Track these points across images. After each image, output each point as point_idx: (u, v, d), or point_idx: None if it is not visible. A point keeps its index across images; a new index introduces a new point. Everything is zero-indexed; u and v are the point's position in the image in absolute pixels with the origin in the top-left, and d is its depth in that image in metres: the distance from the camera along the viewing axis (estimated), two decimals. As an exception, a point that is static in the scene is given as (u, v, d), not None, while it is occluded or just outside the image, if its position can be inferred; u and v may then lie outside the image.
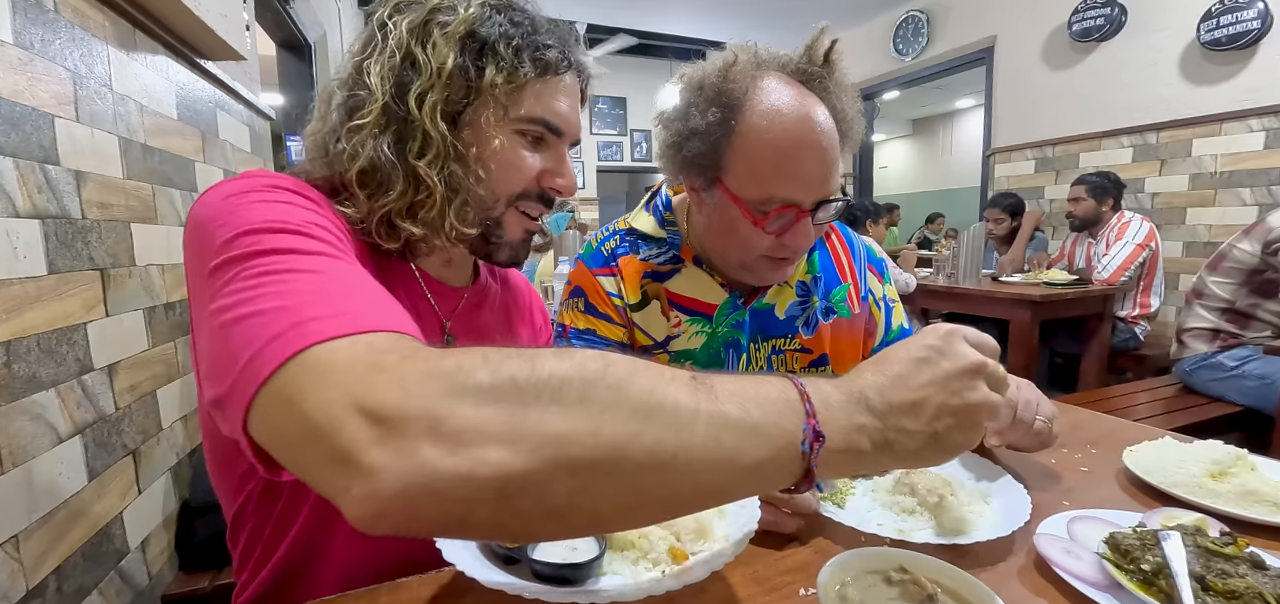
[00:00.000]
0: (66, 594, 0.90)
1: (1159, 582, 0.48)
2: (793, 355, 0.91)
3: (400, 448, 0.29)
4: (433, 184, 0.57)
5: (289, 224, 0.44)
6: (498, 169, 0.61)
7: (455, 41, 0.57)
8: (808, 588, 0.51)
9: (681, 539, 0.54)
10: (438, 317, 0.69)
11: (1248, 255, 1.99)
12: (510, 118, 0.61)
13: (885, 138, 9.61)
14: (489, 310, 0.77)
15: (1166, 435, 0.81)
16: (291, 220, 0.45)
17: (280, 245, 0.42)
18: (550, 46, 0.61)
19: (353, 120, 0.57)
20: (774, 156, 0.71)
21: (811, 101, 0.73)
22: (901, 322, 1.01)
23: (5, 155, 0.83)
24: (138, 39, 1.21)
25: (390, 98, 0.57)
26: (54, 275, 0.91)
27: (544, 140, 0.64)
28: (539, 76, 0.61)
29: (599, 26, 5.27)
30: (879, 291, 0.99)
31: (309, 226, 0.45)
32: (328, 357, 0.33)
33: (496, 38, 0.58)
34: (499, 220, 0.64)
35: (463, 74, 0.58)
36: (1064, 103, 3.75)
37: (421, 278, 0.68)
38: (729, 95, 0.73)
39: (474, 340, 0.73)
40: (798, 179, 0.72)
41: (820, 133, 0.72)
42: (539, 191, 0.65)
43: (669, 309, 0.89)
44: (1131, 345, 2.81)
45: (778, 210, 0.74)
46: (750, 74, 0.74)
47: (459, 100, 0.58)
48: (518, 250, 0.68)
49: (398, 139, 0.57)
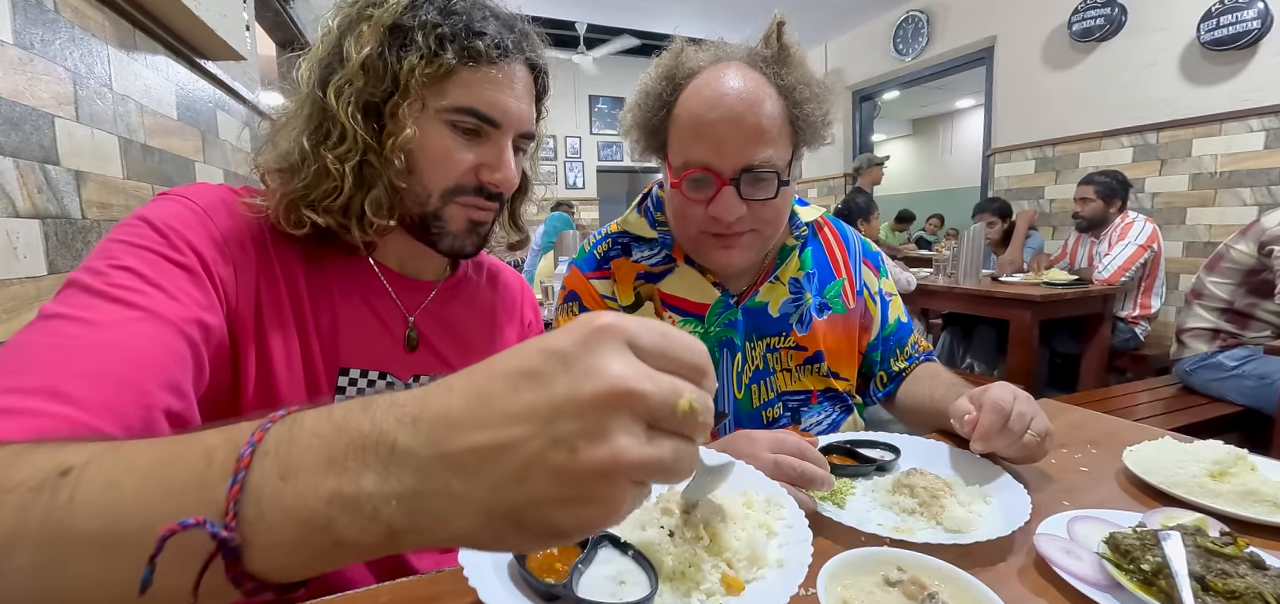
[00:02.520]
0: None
1: (1159, 582, 0.48)
2: (788, 353, 0.91)
3: None
4: (340, 174, 0.57)
5: (80, 279, 0.47)
6: (425, 161, 0.61)
7: (379, 32, 0.58)
8: (808, 588, 0.51)
9: (734, 566, 0.50)
10: (400, 310, 0.68)
11: (1245, 255, 1.99)
12: (434, 109, 0.60)
13: (885, 138, 9.61)
14: (465, 306, 0.75)
15: (1166, 435, 0.81)
16: (93, 266, 0.48)
17: (55, 307, 0.45)
18: (481, 34, 0.60)
19: (279, 116, 0.60)
20: (691, 120, 0.77)
21: (750, 77, 0.76)
22: (899, 315, 1.01)
23: (5, 155, 0.83)
24: (138, 39, 1.21)
25: (314, 91, 0.58)
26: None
27: (480, 133, 0.62)
28: (467, 64, 0.59)
29: (602, 27, 5.28)
30: (875, 285, 0.99)
31: (107, 273, 0.47)
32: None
33: (418, 26, 0.58)
34: (437, 213, 0.63)
35: (383, 64, 0.58)
36: (1064, 103, 3.75)
37: (380, 272, 0.67)
38: (676, 73, 0.79)
39: (444, 335, 0.72)
40: (708, 142, 0.75)
41: (741, 100, 0.74)
42: (476, 185, 0.63)
43: (662, 310, 0.89)
44: (1132, 345, 2.81)
45: (693, 173, 0.77)
46: (706, 59, 0.79)
47: (380, 92, 0.58)
48: (462, 241, 0.66)
49: (315, 131, 0.58)
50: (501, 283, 0.83)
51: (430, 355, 0.70)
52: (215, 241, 0.55)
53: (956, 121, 8.69)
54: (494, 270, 0.83)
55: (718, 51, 0.80)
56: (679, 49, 0.81)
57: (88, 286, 0.46)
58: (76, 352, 0.42)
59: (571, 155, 6.91)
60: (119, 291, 0.46)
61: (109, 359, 0.43)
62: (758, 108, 0.74)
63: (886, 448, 0.77)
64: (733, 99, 0.74)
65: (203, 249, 0.53)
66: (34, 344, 0.42)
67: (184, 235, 0.53)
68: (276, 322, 0.59)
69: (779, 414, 0.92)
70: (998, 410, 0.68)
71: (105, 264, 0.48)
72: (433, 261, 0.72)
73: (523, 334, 0.84)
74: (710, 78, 0.76)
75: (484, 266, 0.82)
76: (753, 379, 0.90)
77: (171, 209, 0.54)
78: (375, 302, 0.66)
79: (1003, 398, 0.69)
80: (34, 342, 0.42)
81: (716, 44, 0.81)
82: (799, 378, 0.92)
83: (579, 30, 5.58)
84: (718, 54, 0.80)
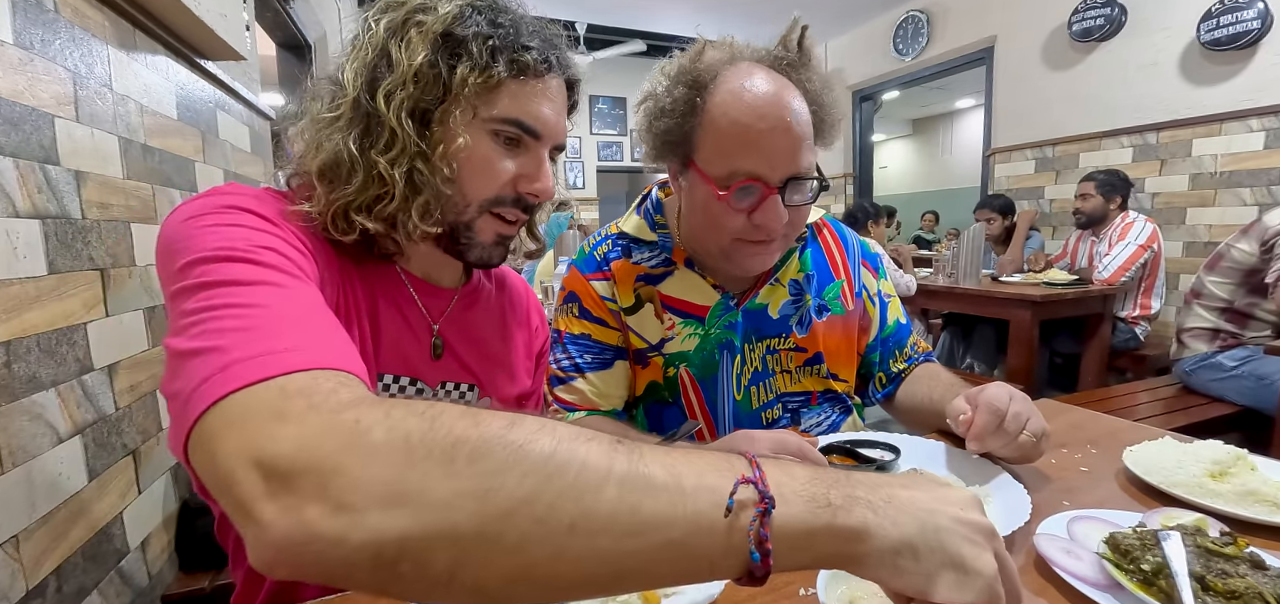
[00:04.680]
0: (66, 594, 0.90)
1: (1159, 582, 0.48)
2: (787, 354, 0.91)
3: (287, 505, 0.29)
4: (392, 180, 0.57)
5: (236, 251, 0.45)
6: (468, 170, 0.61)
7: (430, 40, 0.57)
8: (808, 588, 0.51)
9: None
10: (426, 318, 0.69)
11: (1245, 255, 1.99)
12: (482, 118, 0.60)
13: (885, 138, 9.61)
14: (482, 311, 0.77)
15: (1166, 435, 0.81)
16: (238, 246, 0.46)
17: (223, 277, 0.43)
18: (529, 48, 0.60)
19: (323, 116, 0.59)
20: (736, 129, 0.73)
21: (780, 82, 0.74)
22: (898, 316, 1.01)
23: (5, 155, 0.83)
24: (138, 39, 1.21)
25: (361, 94, 0.57)
26: (54, 275, 0.91)
27: (521, 143, 0.63)
28: (515, 77, 0.60)
29: (607, 28, 5.28)
30: (873, 287, 0.99)
31: (256, 252, 0.46)
32: (241, 405, 0.34)
33: (472, 37, 0.58)
34: (470, 223, 0.64)
35: (434, 72, 0.58)
36: (1064, 103, 3.75)
37: (407, 279, 0.68)
38: (698, 75, 0.76)
39: (465, 342, 0.72)
40: (760, 151, 0.73)
41: (784, 108, 0.73)
42: (515, 196, 0.64)
43: (662, 312, 0.89)
44: (1132, 345, 2.81)
45: (742, 183, 0.74)
46: (722, 59, 0.77)
47: (430, 99, 0.58)
48: (489, 252, 0.67)
49: (364, 135, 0.58)
50: (509, 287, 0.84)
51: (454, 362, 0.71)
52: (305, 233, 0.55)
53: (956, 121, 8.69)
54: (500, 276, 0.84)
55: (734, 52, 0.78)
56: (700, 50, 0.79)
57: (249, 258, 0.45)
58: (290, 314, 0.41)
59: (572, 155, 6.90)
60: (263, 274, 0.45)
61: (313, 317, 0.43)
62: (800, 115, 0.74)
63: (886, 448, 0.77)
64: (781, 108, 0.72)
65: (304, 238, 0.54)
66: (265, 307, 0.41)
67: (285, 225, 0.53)
68: (346, 320, 0.59)
69: (779, 415, 0.92)
70: (993, 410, 0.68)
71: (246, 244, 0.46)
72: (451, 269, 0.73)
73: (530, 339, 0.84)
74: (745, 83, 0.74)
75: (492, 272, 0.82)
76: (752, 381, 0.90)
77: (255, 198, 0.53)
78: (406, 309, 0.67)
79: (998, 398, 0.69)
80: (231, 325, 0.39)
81: (731, 44, 0.80)
82: (799, 379, 0.92)
83: (579, 31, 5.57)
84: (735, 54, 0.78)
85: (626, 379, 0.93)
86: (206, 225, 0.47)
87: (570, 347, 0.90)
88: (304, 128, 0.62)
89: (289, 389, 0.34)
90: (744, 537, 0.31)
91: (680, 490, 0.31)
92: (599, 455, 0.31)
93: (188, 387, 0.36)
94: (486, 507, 0.29)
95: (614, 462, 0.31)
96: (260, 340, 0.37)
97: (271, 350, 0.36)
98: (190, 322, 0.40)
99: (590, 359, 0.90)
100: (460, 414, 0.32)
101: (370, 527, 0.28)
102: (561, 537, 0.30)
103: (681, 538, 0.31)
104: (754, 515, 0.32)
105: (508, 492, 0.29)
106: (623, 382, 0.92)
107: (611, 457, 0.31)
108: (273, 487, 0.30)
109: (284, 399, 0.33)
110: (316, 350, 0.38)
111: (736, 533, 0.32)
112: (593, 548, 0.30)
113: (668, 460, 0.33)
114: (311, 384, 0.34)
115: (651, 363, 0.90)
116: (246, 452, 0.31)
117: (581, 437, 0.32)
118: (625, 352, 0.91)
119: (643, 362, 0.90)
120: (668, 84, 0.79)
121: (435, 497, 0.29)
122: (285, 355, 0.36)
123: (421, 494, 0.29)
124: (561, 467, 0.30)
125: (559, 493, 0.30)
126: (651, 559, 0.31)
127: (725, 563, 0.32)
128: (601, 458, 0.31)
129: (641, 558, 0.31)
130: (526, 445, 0.30)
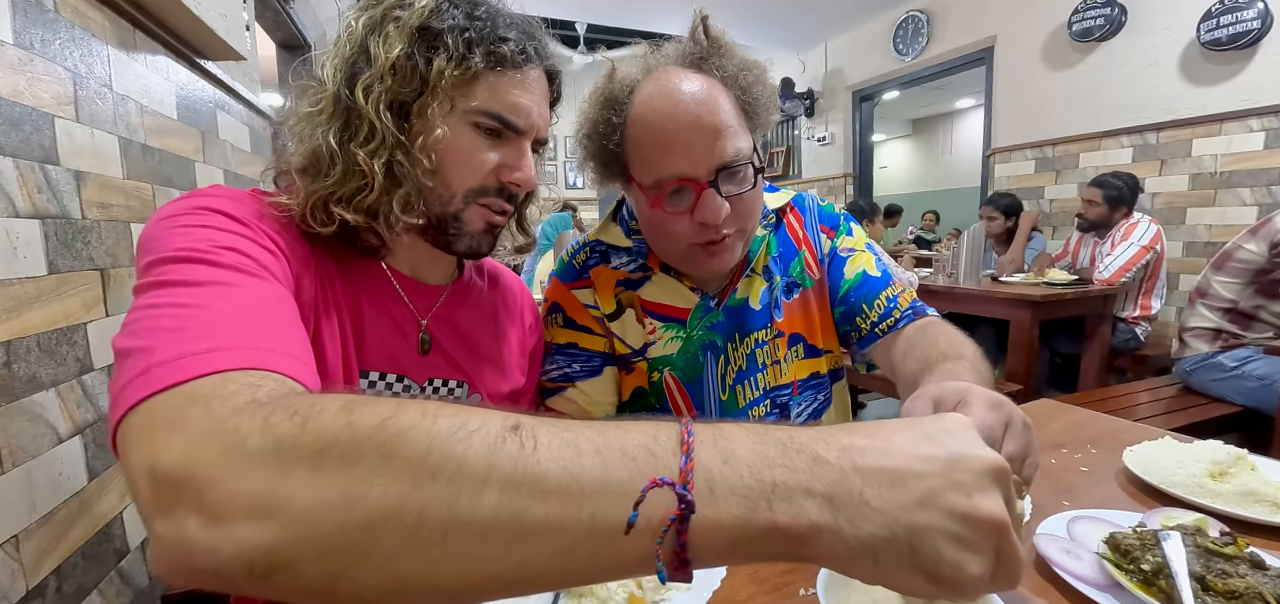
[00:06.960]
0: (66, 594, 0.90)
1: (1159, 582, 0.48)
2: (774, 343, 0.89)
3: (172, 517, 0.29)
4: (372, 172, 0.57)
5: (196, 252, 0.45)
6: (450, 161, 0.61)
7: (407, 34, 0.58)
8: (807, 588, 0.51)
9: (642, 585, 0.50)
10: (413, 314, 0.69)
11: (1254, 255, 1.98)
12: (461, 110, 0.60)
13: (885, 138, 9.61)
14: (472, 309, 0.76)
15: (1166, 435, 0.81)
16: (199, 247, 0.46)
17: (176, 277, 0.43)
18: (506, 39, 0.61)
19: (303, 111, 0.59)
20: (652, 135, 0.74)
21: (685, 77, 0.75)
22: (864, 268, 0.89)
23: (5, 155, 0.83)
24: (138, 39, 1.21)
25: (340, 89, 0.58)
26: (54, 275, 0.91)
27: (501, 135, 0.63)
28: (492, 69, 0.61)
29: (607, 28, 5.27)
30: (826, 246, 0.93)
31: (217, 253, 0.46)
32: (149, 413, 0.33)
33: (448, 29, 0.59)
34: (458, 214, 0.64)
35: (412, 65, 0.58)
36: (1064, 103, 3.75)
37: (393, 276, 0.68)
38: (614, 95, 0.77)
39: (454, 339, 0.72)
40: (680, 151, 0.73)
41: (696, 102, 0.73)
42: (498, 186, 0.65)
43: (643, 317, 0.88)
44: (1132, 346, 2.81)
45: (670, 186, 0.74)
46: (636, 73, 0.78)
47: (409, 92, 0.59)
48: (479, 242, 0.67)
49: (343, 129, 0.58)
50: (503, 285, 0.83)
51: (442, 359, 0.71)
52: (279, 231, 0.55)
53: (956, 122, 8.69)
54: (495, 273, 0.83)
55: (648, 61, 0.79)
56: (611, 71, 0.79)
57: (207, 259, 0.45)
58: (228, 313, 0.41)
59: (572, 155, 6.90)
60: (216, 275, 0.45)
61: (252, 315, 0.42)
62: (715, 104, 0.73)
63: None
64: (689, 103, 0.72)
65: (277, 237, 0.54)
66: (204, 307, 0.41)
67: (258, 225, 0.53)
68: (324, 317, 0.59)
69: (766, 412, 0.91)
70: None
71: (207, 244, 0.46)
72: (441, 266, 0.73)
73: (524, 337, 0.84)
74: (656, 89, 0.74)
75: (485, 270, 0.82)
76: (737, 379, 0.89)
77: (230, 199, 0.54)
78: (391, 306, 0.67)
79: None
80: (166, 324, 0.39)
81: (643, 54, 0.80)
82: (787, 368, 0.90)
83: (579, 30, 5.57)
84: (649, 64, 0.78)
85: (616, 385, 0.92)
86: (176, 226, 0.48)
87: (558, 357, 0.89)
88: (290, 126, 0.62)
89: (196, 394, 0.33)
90: (651, 550, 0.28)
91: (576, 493, 0.28)
92: (481, 452, 0.28)
93: (115, 388, 0.36)
94: (351, 516, 0.27)
95: (498, 459, 0.28)
96: (188, 341, 0.37)
97: (194, 352, 0.36)
98: (132, 319, 0.41)
99: (579, 367, 0.89)
100: (337, 411, 0.30)
101: (239, 539, 0.28)
102: (434, 548, 0.27)
103: (575, 545, 0.28)
104: (668, 524, 0.28)
105: (372, 502, 0.27)
106: (613, 388, 0.92)
107: (496, 452, 0.28)
108: (161, 499, 0.30)
109: (188, 405, 0.33)
110: (243, 350, 0.38)
111: (643, 543, 0.28)
112: (475, 556, 0.27)
113: (568, 453, 0.29)
114: (219, 388, 0.34)
115: (636, 368, 0.89)
116: (145, 462, 0.31)
117: (466, 428, 0.29)
118: (612, 357, 0.91)
119: (627, 367, 0.90)
120: (589, 110, 0.80)
121: (300, 507, 0.28)
122: (207, 357, 0.36)
123: (287, 504, 0.28)
124: (435, 470, 0.27)
125: (429, 500, 0.27)
126: (548, 568, 0.28)
127: (639, 569, 0.29)
128: (483, 455, 0.28)
129: (537, 565, 0.28)
130: (398, 444, 0.28)
